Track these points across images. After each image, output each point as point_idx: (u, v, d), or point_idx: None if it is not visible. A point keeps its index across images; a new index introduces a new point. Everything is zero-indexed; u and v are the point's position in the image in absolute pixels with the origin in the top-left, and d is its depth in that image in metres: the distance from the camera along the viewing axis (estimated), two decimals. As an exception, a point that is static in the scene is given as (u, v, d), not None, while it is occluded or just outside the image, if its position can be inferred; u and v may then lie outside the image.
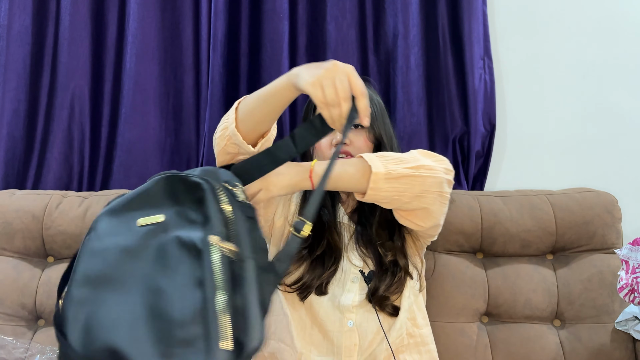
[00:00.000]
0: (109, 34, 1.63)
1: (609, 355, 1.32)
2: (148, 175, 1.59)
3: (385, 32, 1.61)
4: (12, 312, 1.41)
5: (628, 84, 1.63)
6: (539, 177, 1.63)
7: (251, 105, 0.96)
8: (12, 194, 1.51)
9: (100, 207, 1.45)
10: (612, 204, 1.45)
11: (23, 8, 1.60)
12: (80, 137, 1.62)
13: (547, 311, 1.38)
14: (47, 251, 1.47)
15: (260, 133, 0.98)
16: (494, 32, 1.65)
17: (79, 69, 1.61)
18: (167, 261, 0.69)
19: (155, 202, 0.76)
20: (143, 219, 0.73)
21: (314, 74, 0.83)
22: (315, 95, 0.83)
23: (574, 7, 1.64)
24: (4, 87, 1.60)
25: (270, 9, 1.59)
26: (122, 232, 0.74)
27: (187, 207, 0.74)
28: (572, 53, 1.64)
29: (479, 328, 1.38)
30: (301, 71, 0.86)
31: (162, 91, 1.63)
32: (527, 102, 1.65)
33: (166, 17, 1.63)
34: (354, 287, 1.12)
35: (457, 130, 1.59)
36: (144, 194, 0.77)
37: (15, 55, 1.60)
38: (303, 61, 1.61)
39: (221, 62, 1.58)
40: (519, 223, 1.42)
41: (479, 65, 1.60)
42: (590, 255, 1.42)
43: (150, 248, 0.71)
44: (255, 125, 0.96)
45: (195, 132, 1.65)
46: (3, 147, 1.60)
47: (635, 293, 1.23)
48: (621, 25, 1.63)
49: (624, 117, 1.63)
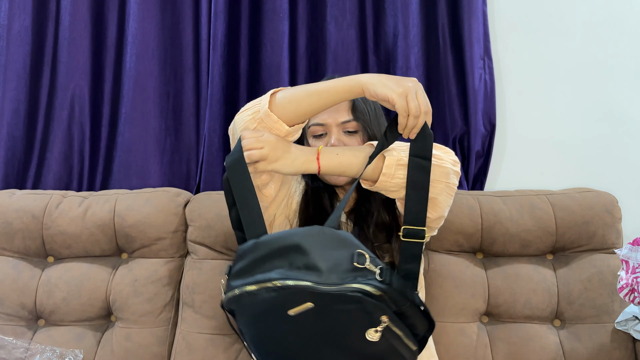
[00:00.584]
0: (109, 34, 1.64)
1: (609, 355, 1.32)
2: (148, 175, 1.62)
3: (385, 32, 1.61)
4: (12, 312, 1.41)
5: (628, 84, 1.63)
6: (539, 177, 1.63)
7: (300, 95, 0.99)
8: (12, 194, 1.51)
9: (100, 207, 1.46)
10: (612, 204, 1.45)
11: (23, 8, 1.60)
12: (80, 137, 1.63)
13: (547, 311, 1.38)
14: (47, 251, 1.47)
15: (297, 122, 1.00)
16: (493, 32, 1.65)
17: (79, 69, 1.61)
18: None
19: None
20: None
21: (401, 84, 0.92)
22: (401, 105, 0.92)
23: (574, 7, 1.64)
24: (4, 87, 1.60)
25: (270, 9, 1.59)
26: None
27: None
28: (572, 53, 1.64)
29: (478, 328, 1.38)
30: (377, 79, 0.94)
31: (162, 91, 1.64)
32: (527, 102, 1.65)
33: (166, 17, 1.63)
34: None
35: (457, 130, 1.59)
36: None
37: (15, 55, 1.60)
38: (303, 61, 1.61)
39: (221, 62, 1.59)
40: (519, 223, 1.42)
41: (479, 65, 1.60)
42: (590, 255, 1.42)
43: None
44: (296, 115, 0.99)
45: (195, 132, 1.65)
46: (3, 147, 1.60)
47: (635, 293, 1.23)
48: (621, 25, 1.63)
49: (624, 117, 1.63)
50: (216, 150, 1.60)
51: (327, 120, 1.12)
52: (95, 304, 1.41)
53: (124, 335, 1.38)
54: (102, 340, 1.39)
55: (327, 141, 1.12)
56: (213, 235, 1.42)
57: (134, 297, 1.39)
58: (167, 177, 1.64)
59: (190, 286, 1.41)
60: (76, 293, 1.40)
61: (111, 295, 1.41)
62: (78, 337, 1.37)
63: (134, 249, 1.46)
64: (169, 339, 1.40)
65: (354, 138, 1.13)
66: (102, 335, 1.40)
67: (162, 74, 1.63)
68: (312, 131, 1.15)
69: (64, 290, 1.40)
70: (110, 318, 1.44)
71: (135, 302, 1.39)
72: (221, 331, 1.38)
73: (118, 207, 1.45)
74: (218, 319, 1.37)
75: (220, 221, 1.42)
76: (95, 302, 1.41)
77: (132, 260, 1.46)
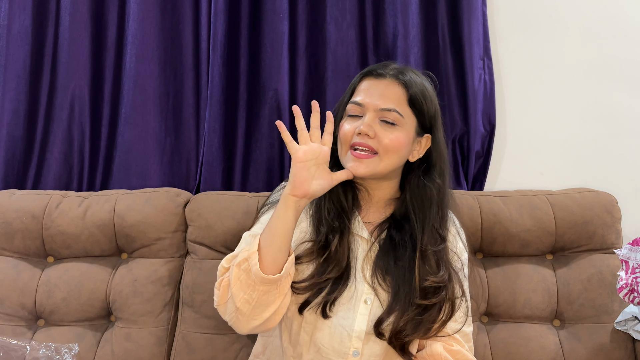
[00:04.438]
0: (109, 34, 1.64)
1: (609, 355, 1.32)
2: (148, 175, 1.62)
3: (385, 32, 1.61)
4: (12, 312, 1.41)
5: (628, 84, 1.63)
6: (539, 177, 1.64)
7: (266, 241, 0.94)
8: (12, 194, 1.51)
9: (100, 207, 1.46)
10: (612, 204, 1.45)
11: (23, 8, 1.60)
12: (80, 137, 1.63)
13: (546, 311, 1.39)
14: (47, 251, 1.47)
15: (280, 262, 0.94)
16: (493, 32, 1.65)
17: (79, 69, 1.61)
18: None
19: None
20: None
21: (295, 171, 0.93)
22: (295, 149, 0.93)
23: (574, 7, 1.64)
24: (4, 87, 1.60)
25: (270, 9, 1.59)
26: None
27: None
28: (572, 53, 1.64)
29: (478, 328, 1.38)
30: (291, 179, 0.94)
31: (162, 91, 1.63)
32: (527, 102, 1.65)
33: (166, 17, 1.63)
34: (366, 309, 1.00)
35: (456, 131, 1.60)
36: None
37: (15, 55, 1.60)
38: (303, 61, 1.61)
39: (221, 62, 1.59)
40: (519, 223, 1.42)
41: (479, 65, 1.60)
42: (589, 255, 1.43)
43: None
44: (276, 261, 0.94)
45: (195, 132, 1.65)
46: (3, 147, 1.60)
47: (634, 293, 1.24)
48: (621, 25, 1.63)
49: (624, 117, 1.63)
50: (216, 150, 1.60)
51: (365, 100, 1.03)
52: (95, 304, 1.41)
53: (124, 335, 1.38)
54: (102, 340, 1.39)
55: (359, 125, 1.01)
56: (213, 235, 1.42)
57: (133, 297, 1.39)
58: (167, 177, 1.64)
59: (190, 286, 1.41)
60: (76, 293, 1.40)
61: (111, 295, 1.41)
62: (78, 337, 1.37)
63: (133, 249, 1.46)
64: (169, 338, 1.40)
65: (391, 132, 1.01)
66: (101, 335, 1.40)
67: (162, 74, 1.63)
68: (349, 110, 1.05)
69: (63, 290, 1.40)
70: (110, 318, 1.44)
71: (135, 302, 1.39)
72: (221, 331, 1.38)
73: (118, 207, 1.45)
74: (218, 319, 1.37)
75: (220, 221, 1.42)
76: (95, 302, 1.41)
77: (132, 260, 1.46)
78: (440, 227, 1.04)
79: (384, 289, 1.00)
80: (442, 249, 1.02)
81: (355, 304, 0.99)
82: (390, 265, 1.00)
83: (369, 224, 1.07)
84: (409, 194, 1.06)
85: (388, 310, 0.97)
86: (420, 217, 1.03)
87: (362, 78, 1.07)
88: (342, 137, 1.04)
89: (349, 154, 1.02)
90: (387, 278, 1.00)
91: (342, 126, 1.04)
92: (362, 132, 0.99)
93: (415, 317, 0.96)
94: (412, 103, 1.03)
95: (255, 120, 1.62)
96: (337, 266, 0.99)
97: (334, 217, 1.02)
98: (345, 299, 0.99)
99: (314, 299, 0.98)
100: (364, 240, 1.05)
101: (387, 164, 1.02)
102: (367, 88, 1.04)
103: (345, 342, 0.98)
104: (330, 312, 0.98)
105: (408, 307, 0.96)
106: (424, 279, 0.98)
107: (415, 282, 0.98)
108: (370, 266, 1.02)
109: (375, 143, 1.00)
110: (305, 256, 1.01)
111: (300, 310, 0.99)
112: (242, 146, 1.62)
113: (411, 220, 1.03)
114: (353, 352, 0.98)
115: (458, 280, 1.03)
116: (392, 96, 1.02)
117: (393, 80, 1.04)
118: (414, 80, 1.04)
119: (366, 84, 1.06)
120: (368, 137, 1.00)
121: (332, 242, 1.00)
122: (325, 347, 0.99)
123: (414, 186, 1.06)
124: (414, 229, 1.02)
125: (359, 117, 1.03)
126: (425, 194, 1.05)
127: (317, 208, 1.05)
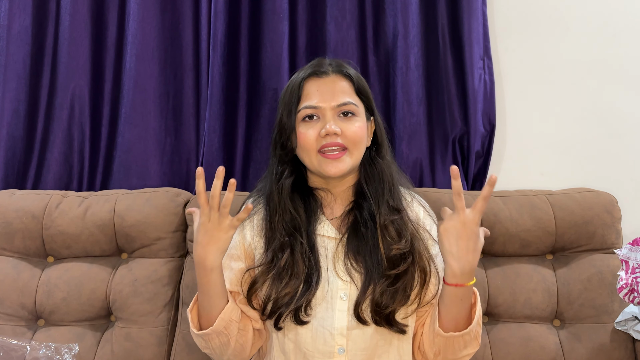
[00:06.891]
0: (109, 34, 1.64)
1: (609, 355, 1.32)
2: (148, 175, 1.62)
3: (385, 32, 1.61)
4: (12, 312, 1.41)
5: (628, 84, 1.63)
6: (539, 177, 1.64)
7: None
8: (12, 194, 1.51)
9: (100, 207, 1.46)
10: (612, 204, 1.45)
11: (23, 8, 1.60)
12: (80, 137, 1.63)
13: (546, 311, 1.39)
14: (47, 251, 1.47)
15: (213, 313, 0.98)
16: (493, 32, 1.65)
17: (79, 69, 1.61)
18: None
19: None
20: None
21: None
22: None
23: (574, 7, 1.64)
24: (4, 87, 1.60)
25: (270, 9, 1.59)
26: None
27: None
28: (572, 53, 1.64)
29: (478, 328, 1.38)
30: (195, 247, 0.96)
31: (162, 91, 1.64)
32: (527, 102, 1.65)
33: (166, 17, 1.63)
34: (344, 305, 1.00)
35: (456, 131, 1.59)
36: None
37: (15, 55, 1.60)
38: (303, 61, 1.61)
39: (221, 62, 1.59)
40: (519, 223, 1.42)
41: (479, 65, 1.60)
42: (589, 255, 1.43)
43: None
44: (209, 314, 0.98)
45: (195, 132, 1.65)
46: (3, 147, 1.60)
47: (635, 293, 1.24)
48: (621, 25, 1.63)
49: (624, 117, 1.63)
50: (216, 150, 1.60)
51: (320, 101, 1.04)
52: (95, 303, 1.41)
53: (124, 335, 1.38)
54: (102, 340, 1.39)
55: (320, 127, 1.03)
56: (213, 235, 1.42)
57: (133, 297, 1.39)
58: (167, 177, 1.64)
59: (190, 286, 1.41)
60: (76, 293, 1.40)
61: (111, 295, 1.41)
62: (78, 337, 1.37)
63: (133, 249, 1.46)
64: (169, 338, 1.40)
65: (352, 123, 1.04)
66: (101, 335, 1.40)
67: (162, 74, 1.63)
68: (301, 115, 1.05)
69: (63, 290, 1.40)
70: (110, 318, 1.44)
71: (135, 302, 1.39)
72: (221, 331, 1.38)
73: (118, 207, 1.45)
74: (218, 319, 1.37)
75: (220, 221, 1.42)
76: (95, 302, 1.41)
77: (132, 260, 1.46)
78: (393, 200, 1.07)
79: (358, 271, 1.02)
80: (399, 218, 1.05)
81: (332, 302, 1.00)
82: (361, 245, 1.03)
83: (335, 219, 1.08)
84: (363, 174, 1.09)
85: (363, 289, 0.99)
86: (374, 193, 1.07)
87: (304, 81, 1.07)
88: (306, 144, 1.03)
89: (319, 158, 1.03)
90: (358, 259, 1.02)
91: (300, 133, 1.04)
92: (329, 133, 1.01)
93: (388, 287, 0.98)
94: (359, 91, 1.08)
95: (255, 120, 1.62)
96: (294, 278, 0.99)
97: (284, 234, 1.03)
98: (319, 300, 1.00)
99: (284, 311, 0.98)
100: (331, 239, 1.06)
101: (357, 155, 1.05)
102: (317, 89, 1.06)
103: (329, 342, 0.99)
104: (307, 316, 0.99)
105: (379, 280, 0.99)
106: (389, 249, 1.01)
107: (382, 255, 1.00)
108: (342, 259, 1.03)
109: (342, 139, 1.03)
110: (260, 277, 1.02)
111: (275, 325, 1.00)
112: (242, 146, 1.62)
113: (367, 197, 1.06)
114: (338, 350, 0.99)
115: (423, 245, 1.05)
116: (343, 90, 1.06)
117: (337, 75, 1.08)
118: (352, 70, 1.10)
119: (312, 85, 1.06)
120: (336, 135, 1.02)
121: (280, 259, 1.00)
122: (310, 350, 1.00)
123: (368, 166, 1.10)
124: (371, 205, 1.05)
125: (315, 120, 1.04)
126: (377, 171, 1.09)
127: (270, 226, 1.06)
